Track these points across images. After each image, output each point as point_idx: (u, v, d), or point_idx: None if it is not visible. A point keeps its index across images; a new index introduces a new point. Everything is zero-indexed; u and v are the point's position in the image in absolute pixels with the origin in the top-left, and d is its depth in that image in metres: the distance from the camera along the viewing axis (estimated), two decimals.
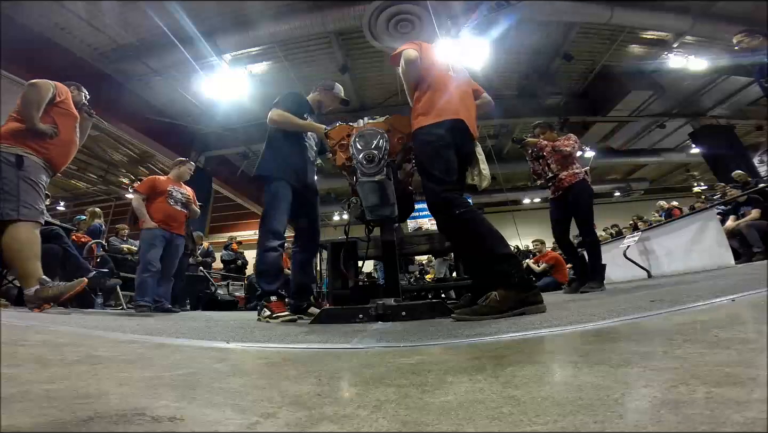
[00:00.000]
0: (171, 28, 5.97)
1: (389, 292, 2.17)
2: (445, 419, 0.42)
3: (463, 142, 1.96)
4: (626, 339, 0.85)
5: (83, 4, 5.74)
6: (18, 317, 1.76)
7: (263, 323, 2.09)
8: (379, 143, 2.01)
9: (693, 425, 0.34)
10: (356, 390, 0.61)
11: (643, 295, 1.94)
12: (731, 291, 1.31)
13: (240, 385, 0.63)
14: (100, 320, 2.10)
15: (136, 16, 5.96)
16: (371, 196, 2.08)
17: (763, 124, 10.17)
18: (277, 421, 0.44)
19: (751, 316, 0.97)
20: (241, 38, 6.64)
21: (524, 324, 1.30)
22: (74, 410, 0.45)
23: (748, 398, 0.39)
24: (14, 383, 0.56)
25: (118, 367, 0.78)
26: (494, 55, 6.97)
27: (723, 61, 7.70)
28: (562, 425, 0.37)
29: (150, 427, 0.41)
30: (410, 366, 0.74)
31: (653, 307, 1.28)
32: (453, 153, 1.91)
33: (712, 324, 0.84)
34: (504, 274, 1.68)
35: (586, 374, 0.56)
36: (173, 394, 0.56)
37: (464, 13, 6.00)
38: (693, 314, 1.03)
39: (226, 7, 6.21)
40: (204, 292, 6.47)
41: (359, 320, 1.90)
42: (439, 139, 1.89)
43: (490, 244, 1.74)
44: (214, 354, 1.00)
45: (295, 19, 6.38)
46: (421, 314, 1.91)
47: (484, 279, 1.92)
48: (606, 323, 1.10)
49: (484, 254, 1.77)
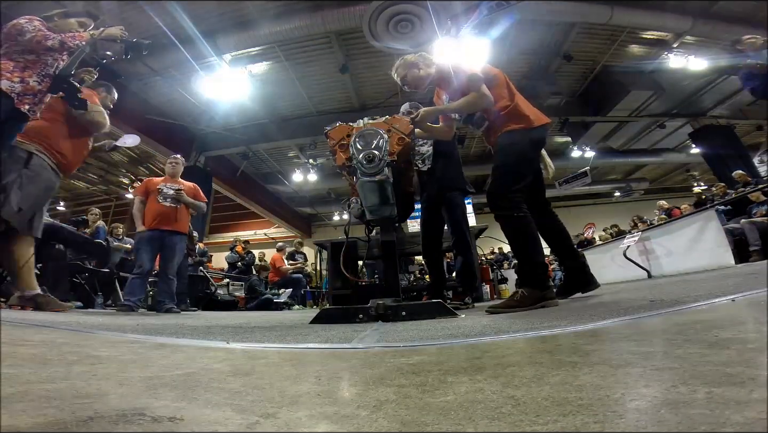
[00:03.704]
0: (171, 28, 5.98)
1: (389, 292, 2.17)
2: (445, 419, 0.42)
3: (544, 143, 2.32)
4: (626, 339, 0.85)
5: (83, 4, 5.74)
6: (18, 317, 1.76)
7: (264, 323, 2.09)
8: (379, 143, 2.01)
9: (693, 425, 0.34)
10: (356, 390, 0.61)
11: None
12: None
13: (240, 385, 0.63)
14: (100, 320, 2.10)
15: (136, 16, 5.95)
16: (371, 196, 2.08)
17: (763, 124, 10.17)
18: (277, 421, 0.44)
19: (751, 316, 0.97)
20: (241, 38, 6.64)
21: (524, 324, 1.30)
22: (74, 410, 0.45)
23: (748, 398, 0.39)
24: (14, 383, 0.56)
25: (118, 367, 0.78)
26: (494, 55, 6.98)
27: (723, 61, 7.70)
28: (562, 425, 0.37)
29: (150, 427, 0.41)
30: (410, 366, 0.74)
31: (653, 307, 1.28)
32: (535, 162, 2.30)
33: (712, 324, 0.84)
34: (533, 276, 2.04)
35: (586, 374, 0.56)
36: (173, 394, 0.56)
37: (464, 13, 6.00)
38: (693, 314, 1.03)
39: (226, 7, 6.21)
40: (204, 292, 6.46)
41: (359, 320, 1.90)
42: (529, 143, 2.20)
43: (531, 249, 2.10)
44: (214, 354, 1.00)
45: (295, 19, 6.38)
46: (421, 314, 1.92)
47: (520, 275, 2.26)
48: (606, 323, 1.09)
49: (523, 255, 2.15)
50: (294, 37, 6.82)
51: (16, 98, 2.17)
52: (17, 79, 2.20)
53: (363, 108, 9.16)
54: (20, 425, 0.39)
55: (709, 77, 8.85)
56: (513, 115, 2.21)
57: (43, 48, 2.25)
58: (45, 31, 2.27)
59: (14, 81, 2.18)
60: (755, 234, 4.71)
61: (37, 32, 2.23)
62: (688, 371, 0.51)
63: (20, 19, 2.27)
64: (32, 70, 2.25)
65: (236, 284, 7.58)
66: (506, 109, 2.22)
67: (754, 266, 3.55)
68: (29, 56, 2.26)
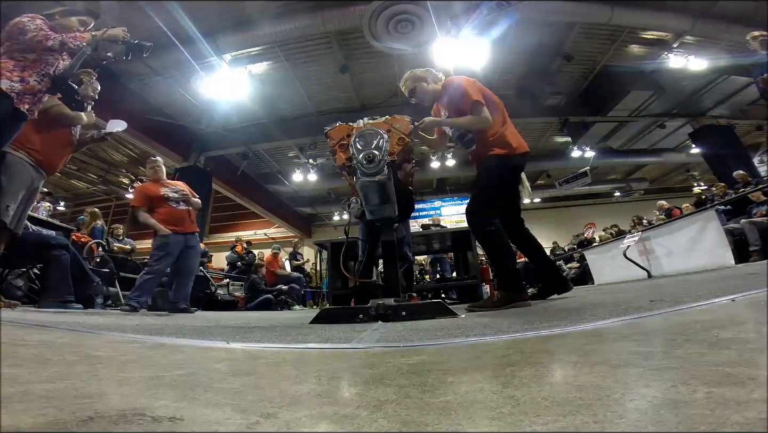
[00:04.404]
0: (171, 28, 5.97)
1: (389, 292, 2.17)
2: (445, 419, 0.42)
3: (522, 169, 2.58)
4: (626, 339, 0.85)
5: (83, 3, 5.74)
6: (18, 317, 1.76)
7: (264, 323, 2.09)
8: (379, 143, 2.01)
9: (693, 425, 0.34)
10: (356, 390, 0.61)
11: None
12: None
13: (240, 385, 0.63)
14: (100, 320, 2.10)
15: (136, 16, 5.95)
16: (371, 196, 2.08)
17: (763, 124, 10.17)
18: (277, 421, 0.44)
19: (751, 316, 0.97)
20: (241, 38, 6.64)
21: (524, 324, 1.30)
22: (74, 410, 0.45)
23: (748, 398, 0.39)
24: (14, 383, 0.56)
25: (118, 367, 0.78)
26: (494, 55, 6.98)
27: (723, 61, 7.70)
28: (562, 425, 0.37)
29: (150, 427, 0.41)
30: (410, 366, 0.74)
31: (653, 307, 1.28)
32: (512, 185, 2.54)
33: (712, 324, 0.84)
34: (506, 281, 2.32)
35: (586, 374, 0.56)
36: (173, 394, 0.56)
37: (464, 13, 6.00)
38: (693, 314, 1.03)
39: (226, 7, 6.21)
40: (204, 292, 6.46)
41: (359, 320, 1.90)
42: (509, 170, 2.45)
43: (504, 258, 2.37)
44: (214, 354, 1.00)
45: (295, 19, 6.37)
46: (421, 314, 1.92)
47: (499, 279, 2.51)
48: (606, 323, 1.09)
49: (497, 263, 2.45)
50: (294, 37, 6.81)
51: (15, 98, 2.16)
52: (17, 78, 2.19)
53: (363, 108, 9.15)
54: (20, 425, 0.39)
55: (709, 77, 8.85)
56: (499, 141, 2.42)
57: (44, 48, 2.24)
58: (46, 31, 2.26)
59: (14, 80, 2.18)
60: (755, 234, 4.71)
61: (38, 32, 2.23)
62: (688, 371, 0.51)
63: (23, 17, 2.27)
64: (32, 70, 2.24)
65: (236, 283, 7.58)
66: (495, 135, 2.43)
67: (754, 266, 3.55)
68: (30, 55, 2.25)
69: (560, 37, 7.63)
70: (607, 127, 10.54)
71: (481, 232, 2.41)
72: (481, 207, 2.41)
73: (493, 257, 2.49)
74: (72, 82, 2.40)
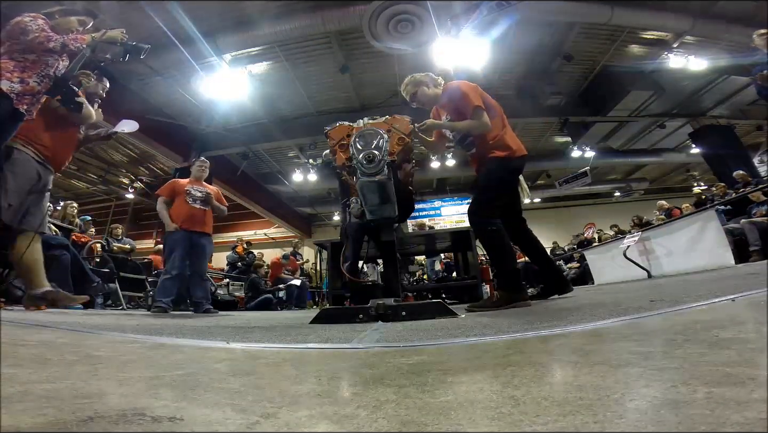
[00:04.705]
0: (171, 28, 5.96)
1: (389, 292, 2.17)
2: (445, 419, 0.42)
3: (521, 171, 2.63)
4: (626, 339, 0.85)
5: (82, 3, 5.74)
6: (18, 317, 1.76)
7: (264, 323, 2.09)
8: (379, 143, 2.01)
9: (693, 425, 0.34)
10: (356, 390, 0.61)
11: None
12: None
13: (240, 385, 0.63)
14: (100, 320, 2.10)
15: (135, 16, 5.95)
16: (371, 196, 2.08)
17: (763, 124, 10.16)
18: (277, 421, 0.44)
19: (751, 316, 0.97)
20: (241, 38, 6.63)
21: (524, 324, 1.30)
22: (74, 410, 0.45)
23: (748, 398, 0.39)
24: (14, 383, 0.56)
25: (118, 367, 0.78)
26: (494, 55, 6.97)
27: (723, 61, 7.70)
28: (562, 425, 0.37)
29: (150, 427, 0.41)
30: (410, 366, 0.74)
31: (653, 307, 1.28)
32: (512, 186, 2.57)
33: (712, 324, 0.84)
34: (506, 281, 2.34)
35: (586, 374, 0.56)
36: (173, 394, 0.56)
37: (464, 13, 5.99)
38: (693, 314, 1.03)
39: (226, 7, 6.21)
40: None
41: (359, 320, 1.90)
42: (509, 172, 2.50)
43: (504, 258, 2.39)
44: (214, 354, 1.00)
45: (295, 19, 6.37)
46: (421, 314, 1.92)
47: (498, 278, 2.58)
48: (606, 323, 1.09)
49: (498, 263, 2.47)
50: (294, 37, 6.81)
51: (15, 98, 2.16)
52: (17, 79, 2.19)
53: (363, 108, 9.14)
54: (20, 425, 0.39)
55: (709, 77, 8.85)
56: (499, 144, 2.48)
57: (45, 49, 2.24)
58: (48, 32, 2.25)
59: (14, 81, 2.17)
60: (755, 234, 4.71)
61: (40, 33, 2.22)
62: (688, 371, 0.51)
63: (24, 16, 2.26)
64: (32, 71, 2.24)
65: (236, 283, 7.59)
66: (495, 138, 2.49)
67: (754, 266, 3.55)
68: (30, 56, 2.25)
69: (560, 37, 7.63)
70: (607, 127, 10.53)
71: (482, 231, 2.45)
72: (482, 207, 2.45)
73: (493, 256, 2.53)
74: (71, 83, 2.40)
